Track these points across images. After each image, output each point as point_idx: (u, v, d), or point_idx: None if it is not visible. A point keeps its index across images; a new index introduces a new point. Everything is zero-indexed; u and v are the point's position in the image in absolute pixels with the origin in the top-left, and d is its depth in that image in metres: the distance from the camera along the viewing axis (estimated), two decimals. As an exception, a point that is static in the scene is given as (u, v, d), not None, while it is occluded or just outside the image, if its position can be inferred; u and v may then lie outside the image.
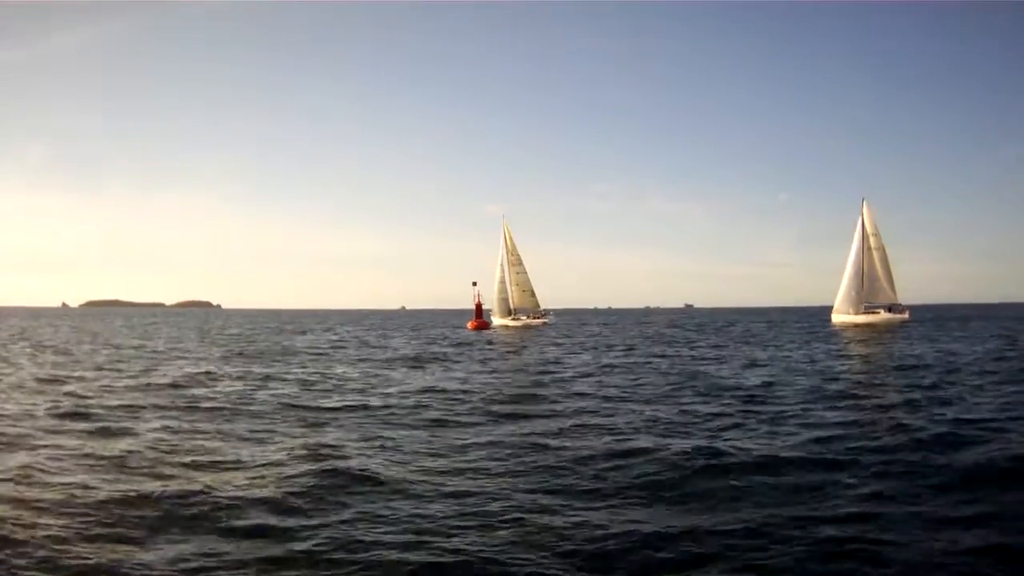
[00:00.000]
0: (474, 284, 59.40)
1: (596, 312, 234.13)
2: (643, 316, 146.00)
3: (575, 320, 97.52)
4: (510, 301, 58.73)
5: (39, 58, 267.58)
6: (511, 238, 58.70)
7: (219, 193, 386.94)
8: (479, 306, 58.81)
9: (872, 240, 56.92)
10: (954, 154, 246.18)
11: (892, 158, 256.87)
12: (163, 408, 13.79)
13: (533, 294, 58.39)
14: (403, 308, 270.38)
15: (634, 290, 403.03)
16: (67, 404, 13.96)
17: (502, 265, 58.74)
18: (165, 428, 11.49)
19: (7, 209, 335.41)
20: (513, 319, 58.17)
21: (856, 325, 54.49)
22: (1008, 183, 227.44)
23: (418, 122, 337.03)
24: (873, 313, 56.33)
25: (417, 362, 25.70)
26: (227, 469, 8.65)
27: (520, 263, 58.44)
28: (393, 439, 10.66)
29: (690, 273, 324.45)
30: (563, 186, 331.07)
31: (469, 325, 58.21)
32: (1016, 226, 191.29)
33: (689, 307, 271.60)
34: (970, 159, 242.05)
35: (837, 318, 57.32)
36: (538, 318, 58.13)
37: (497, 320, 59.35)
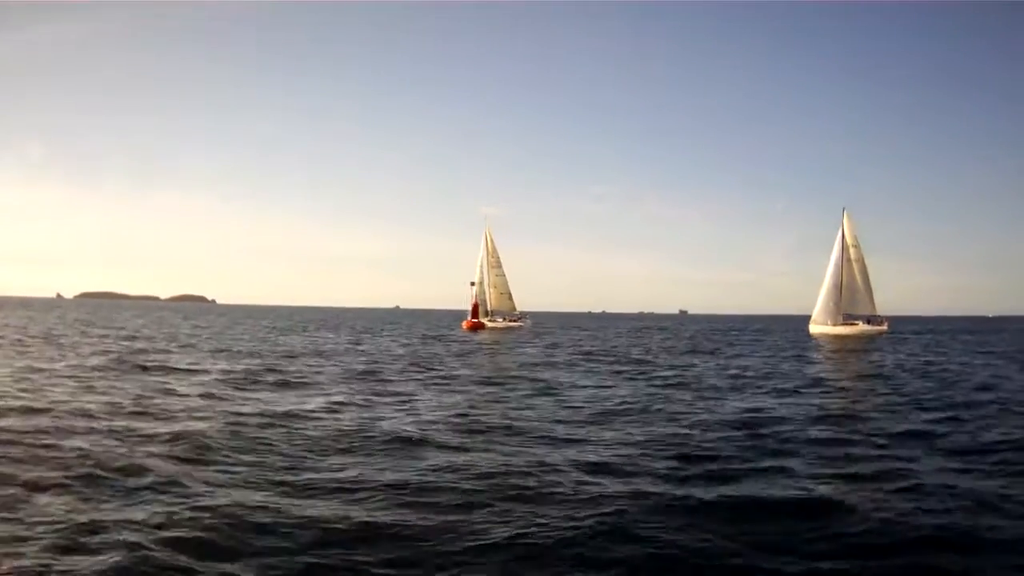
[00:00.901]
0: (472, 284, 59.07)
1: (590, 316, 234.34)
2: (636, 321, 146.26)
3: (565, 323, 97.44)
4: (488, 303, 58.79)
5: (39, 54, 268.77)
6: (492, 241, 58.83)
7: (216, 190, 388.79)
8: (476, 306, 58.29)
9: (852, 251, 56.95)
10: (953, 163, 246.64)
11: (892, 166, 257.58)
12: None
13: (510, 297, 58.44)
14: (397, 307, 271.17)
15: (629, 294, 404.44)
16: None
17: (481, 267, 58.79)
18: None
19: (5, 202, 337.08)
20: (490, 320, 58.22)
21: (834, 336, 54.40)
22: (1008, 193, 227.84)
23: (416, 122, 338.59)
24: (851, 324, 56.24)
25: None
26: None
27: (499, 266, 58.51)
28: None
29: (686, 279, 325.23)
30: (560, 188, 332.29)
31: (464, 325, 58.17)
32: (1016, 237, 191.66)
33: (683, 313, 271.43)
34: (969, 168, 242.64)
35: (815, 329, 57.17)
36: (514, 321, 58.16)
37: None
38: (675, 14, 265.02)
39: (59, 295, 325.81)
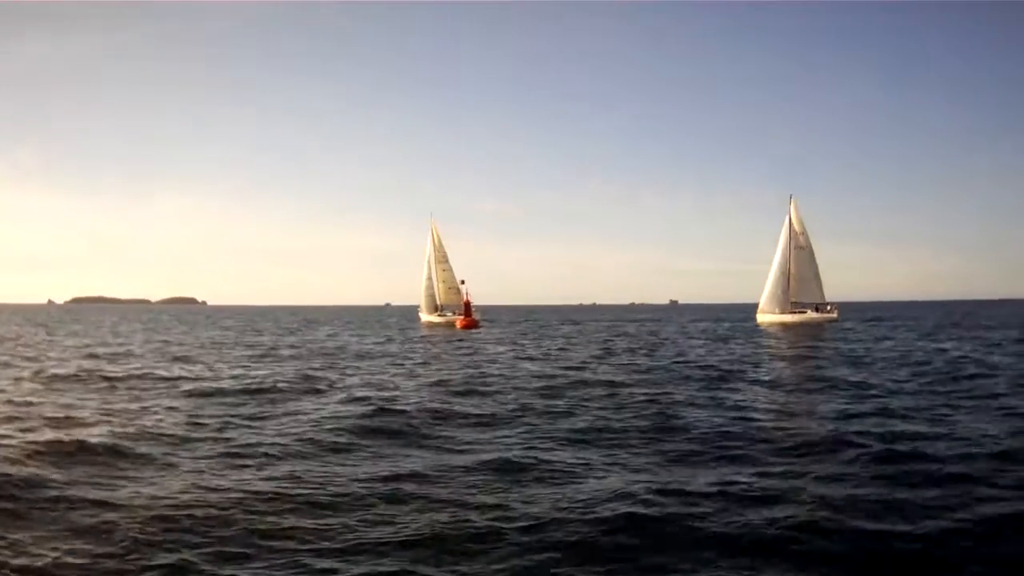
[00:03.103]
0: (462, 282, 57.20)
1: (580, 308, 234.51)
2: (622, 312, 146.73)
3: (555, 318, 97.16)
4: (437, 298, 58.80)
5: (28, 61, 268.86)
6: (438, 237, 58.73)
7: (205, 191, 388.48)
8: (468, 304, 55.95)
9: (800, 238, 56.81)
10: (958, 149, 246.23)
11: (887, 153, 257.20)
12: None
13: (458, 291, 58.27)
14: (388, 304, 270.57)
15: (621, 286, 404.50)
16: None
17: (429, 263, 58.71)
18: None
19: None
20: (439, 315, 58.22)
21: (782, 324, 54.21)
22: (1010, 179, 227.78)
23: (409, 119, 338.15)
24: (799, 312, 56.11)
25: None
26: None
27: (446, 261, 58.40)
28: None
29: (677, 269, 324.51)
30: (551, 181, 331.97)
31: (458, 324, 54.10)
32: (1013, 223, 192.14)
33: (674, 303, 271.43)
34: (972, 154, 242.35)
35: (762, 317, 56.89)
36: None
37: (424, 316, 59.50)
38: (671, 13, 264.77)
39: (50, 301, 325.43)
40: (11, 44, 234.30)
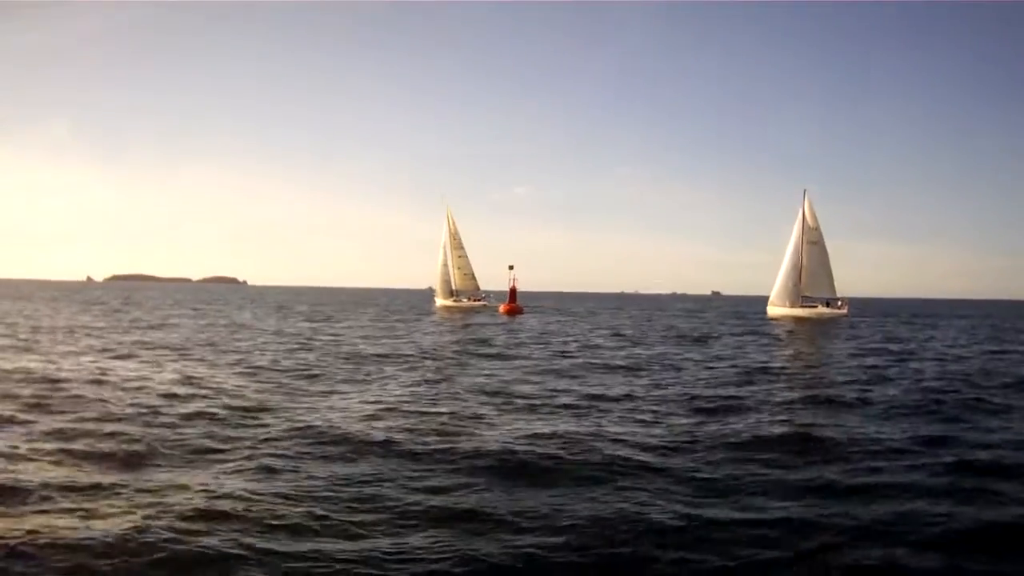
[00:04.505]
0: (511, 268, 56.85)
1: (622, 297, 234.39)
2: (665, 301, 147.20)
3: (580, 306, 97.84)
4: (452, 283, 60.78)
5: (69, 36, 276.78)
6: (453, 223, 60.52)
7: (248, 168, 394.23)
8: (513, 290, 56.77)
9: (812, 233, 56.74)
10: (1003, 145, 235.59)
11: (931, 149, 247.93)
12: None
13: (473, 277, 60.19)
14: (430, 288, 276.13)
15: (663, 276, 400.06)
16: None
17: (444, 249, 60.63)
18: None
19: (33, 182, 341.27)
20: (455, 301, 60.25)
21: (792, 318, 54.47)
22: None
23: (453, 106, 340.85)
24: (810, 307, 56.16)
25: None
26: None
27: (461, 247, 60.27)
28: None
29: (719, 261, 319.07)
30: (590, 170, 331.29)
31: (501, 308, 55.46)
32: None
33: (716, 294, 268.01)
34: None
35: (772, 310, 57.21)
36: (478, 300, 59.82)
37: (440, 301, 61.56)
38: (705, 12, 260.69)
39: (89, 278, 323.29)
40: (39, 11, 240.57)
